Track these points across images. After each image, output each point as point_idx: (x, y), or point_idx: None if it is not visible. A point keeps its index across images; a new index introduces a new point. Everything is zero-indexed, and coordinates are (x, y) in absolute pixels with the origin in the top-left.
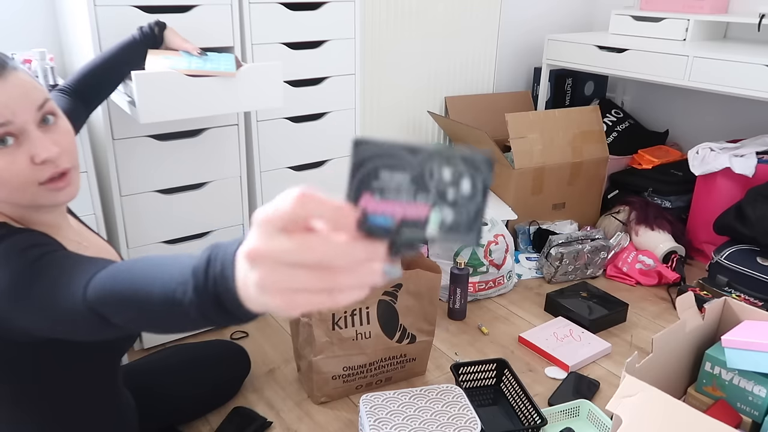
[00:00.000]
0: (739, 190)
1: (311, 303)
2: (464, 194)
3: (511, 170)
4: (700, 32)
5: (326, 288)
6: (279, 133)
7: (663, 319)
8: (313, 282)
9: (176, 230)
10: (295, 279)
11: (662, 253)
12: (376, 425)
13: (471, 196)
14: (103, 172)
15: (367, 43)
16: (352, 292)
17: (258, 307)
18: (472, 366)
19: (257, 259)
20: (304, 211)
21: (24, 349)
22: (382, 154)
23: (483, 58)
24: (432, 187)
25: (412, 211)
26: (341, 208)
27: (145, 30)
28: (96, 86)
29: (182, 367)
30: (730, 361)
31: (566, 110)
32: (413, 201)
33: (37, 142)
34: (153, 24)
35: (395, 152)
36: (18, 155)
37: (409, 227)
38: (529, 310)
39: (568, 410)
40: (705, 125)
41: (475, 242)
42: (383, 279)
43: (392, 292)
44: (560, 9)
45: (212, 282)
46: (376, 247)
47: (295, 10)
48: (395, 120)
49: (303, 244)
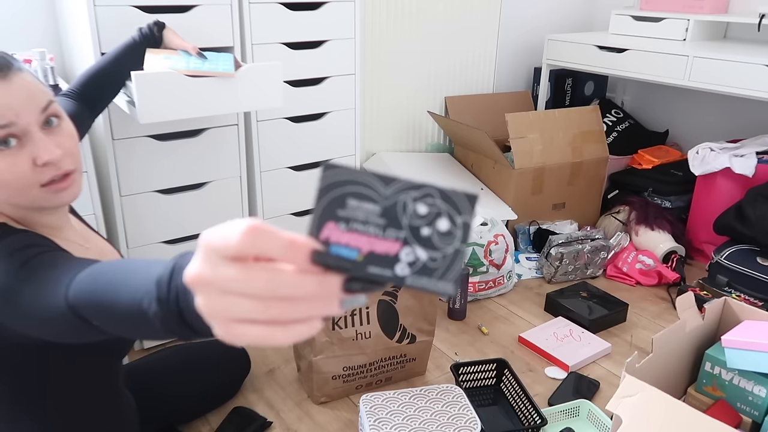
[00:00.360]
0: (739, 190)
1: (255, 335)
2: (441, 234)
3: (511, 170)
4: (700, 32)
5: (270, 320)
6: (279, 133)
7: (663, 319)
8: (256, 313)
9: (176, 230)
10: (238, 308)
11: (662, 253)
12: (376, 425)
13: (449, 237)
14: (103, 172)
15: (367, 43)
16: (302, 326)
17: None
18: (472, 366)
19: (200, 286)
20: (253, 246)
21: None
22: (351, 180)
23: (483, 58)
24: (405, 223)
25: (381, 246)
26: (294, 242)
27: (144, 31)
28: (100, 90)
29: (182, 367)
30: (730, 361)
31: (566, 110)
32: (382, 235)
33: (39, 144)
34: (152, 24)
35: (366, 180)
36: (20, 157)
37: (376, 263)
38: (529, 310)
39: (568, 410)
40: (705, 125)
41: (452, 291)
42: (341, 310)
43: (392, 292)
44: (560, 9)
45: (174, 295)
46: (330, 280)
47: (295, 10)
48: (395, 120)
49: (247, 273)
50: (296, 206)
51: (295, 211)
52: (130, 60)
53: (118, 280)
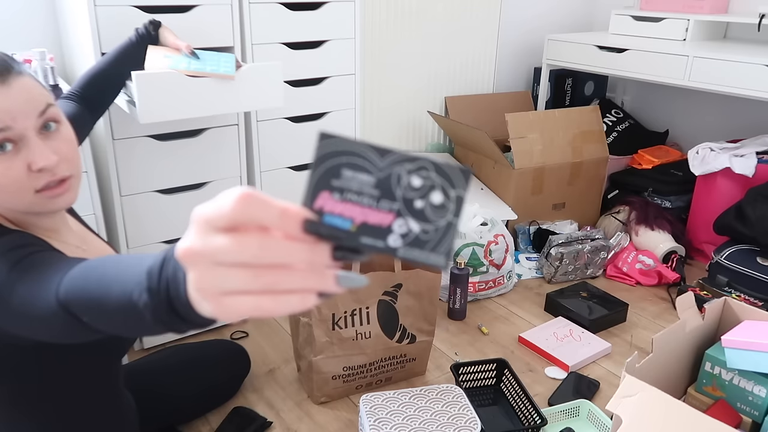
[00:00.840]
0: (739, 190)
1: (246, 306)
2: (434, 206)
3: (511, 170)
4: (700, 32)
5: (265, 289)
6: (279, 133)
7: (663, 319)
8: (247, 282)
9: (176, 230)
10: (230, 280)
11: (662, 253)
12: (376, 425)
13: (442, 210)
14: (103, 172)
15: (367, 43)
16: (297, 296)
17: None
18: (472, 366)
19: (192, 259)
20: (246, 213)
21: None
22: (347, 151)
23: (483, 58)
24: (398, 195)
25: (374, 217)
26: (287, 210)
27: (141, 31)
28: (100, 91)
29: (182, 367)
30: (730, 361)
31: (566, 110)
32: (375, 206)
33: (35, 150)
34: (148, 24)
35: (362, 151)
36: (15, 161)
37: (368, 234)
38: (529, 310)
39: (568, 410)
40: (705, 125)
41: (443, 263)
42: (337, 286)
43: (392, 292)
44: (560, 9)
45: (164, 283)
46: (322, 248)
47: (295, 10)
48: (395, 120)
49: (239, 241)
50: None
51: None
52: (128, 61)
53: (109, 274)
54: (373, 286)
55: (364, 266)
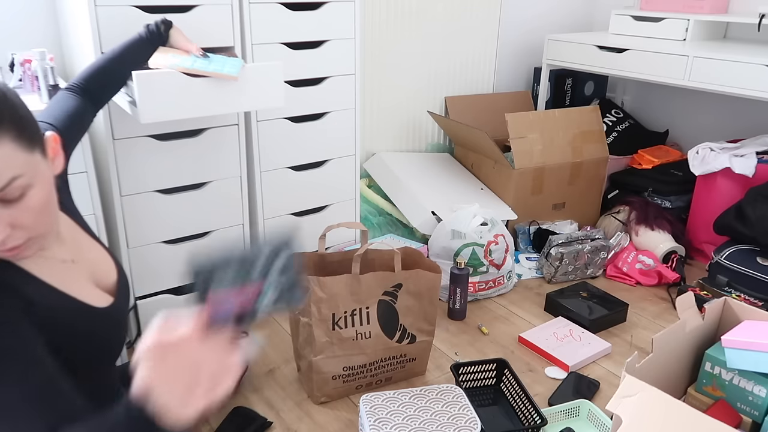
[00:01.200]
0: (739, 190)
1: (203, 403)
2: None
3: (511, 170)
4: (700, 32)
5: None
6: (279, 133)
7: (663, 319)
8: (195, 383)
9: (176, 230)
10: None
11: (662, 253)
12: (376, 425)
13: (284, 271)
14: (103, 172)
15: (367, 43)
16: (222, 376)
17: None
18: (472, 366)
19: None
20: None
21: None
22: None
23: (483, 58)
24: (256, 272)
25: (248, 292)
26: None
27: (151, 28)
28: (103, 86)
29: None
30: (730, 361)
31: (566, 110)
32: (247, 284)
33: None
34: (159, 22)
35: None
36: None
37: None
38: (529, 310)
39: (568, 410)
40: (705, 125)
41: (298, 304)
42: (244, 356)
43: (392, 292)
44: (560, 9)
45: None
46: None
47: (295, 10)
48: (395, 120)
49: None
50: (296, 206)
51: (295, 211)
52: (135, 57)
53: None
54: (374, 286)
55: (364, 267)
